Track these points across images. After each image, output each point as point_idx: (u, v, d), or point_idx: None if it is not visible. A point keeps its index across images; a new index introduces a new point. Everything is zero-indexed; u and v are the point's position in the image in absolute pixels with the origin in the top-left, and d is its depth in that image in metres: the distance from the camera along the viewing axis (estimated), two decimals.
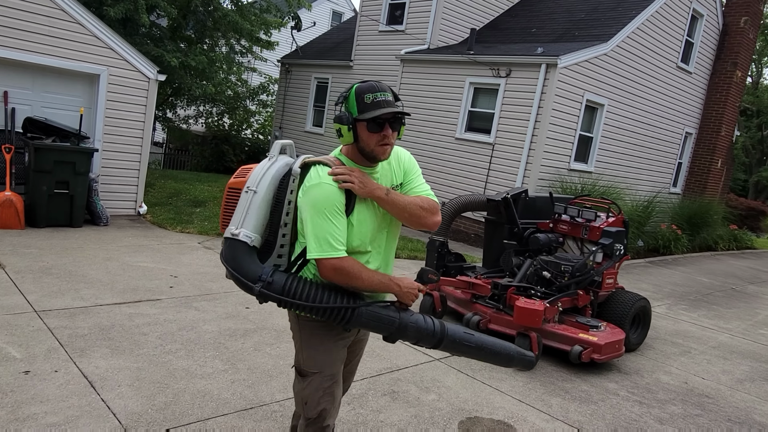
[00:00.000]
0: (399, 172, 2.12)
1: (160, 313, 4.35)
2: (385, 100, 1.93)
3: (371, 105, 1.92)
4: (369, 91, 1.94)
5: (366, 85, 1.97)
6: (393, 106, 1.94)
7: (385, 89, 1.96)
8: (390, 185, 2.08)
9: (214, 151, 16.67)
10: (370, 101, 1.93)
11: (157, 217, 7.89)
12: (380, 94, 1.94)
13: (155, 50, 10.98)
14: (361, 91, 1.95)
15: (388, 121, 1.94)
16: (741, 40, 13.26)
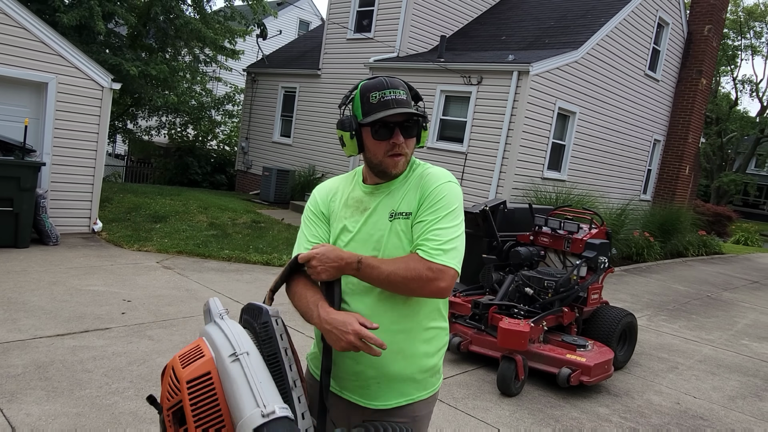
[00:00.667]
0: (414, 196, 1.61)
1: (109, 344, 3.91)
2: (395, 99, 1.56)
3: (378, 105, 1.56)
4: (376, 89, 1.58)
5: (374, 81, 1.60)
6: (405, 106, 1.57)
7: (397, 85, 1.59)
8: (390, 210, 1.63)
9: (178, 163, 16.10)
10: (377, 100, 1.56)
11: (113, 235, 7.39)
12: (390, 91, 1.57)
13: (113, 59, 10.48)
14: (366, 89, 1.59)
15: (400, 125, 1.57)
16: (705, 48, 13.44)
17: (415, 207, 1.60)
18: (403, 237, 1.60)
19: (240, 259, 6.96)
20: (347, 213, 1.70)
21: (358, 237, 1.65)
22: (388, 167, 1.61)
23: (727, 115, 30.97)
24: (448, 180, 1.62)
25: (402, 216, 1.62)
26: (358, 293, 1.61)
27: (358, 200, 1.70)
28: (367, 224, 1.66)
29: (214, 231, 8.30)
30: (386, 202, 1.65)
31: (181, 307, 4.91)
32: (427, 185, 1.61)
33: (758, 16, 30.19)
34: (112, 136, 16.53)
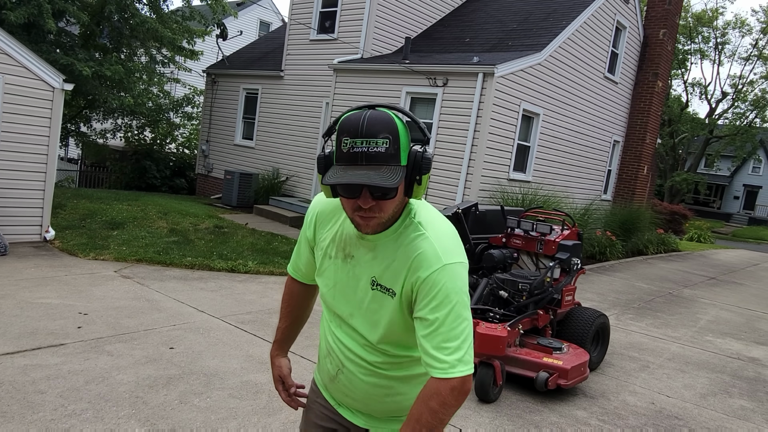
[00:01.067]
0: (401, 272, 1.36)
1: (64, 362, 3.65)
2: (365, 153, 1.23)
3: (345, 156, 1.26)
4: (349, 133, 1.25)
5: (352, 119, 1.27)
6: (380, 162, 1.23)
7: (376, 132, 1.23)
8: (371, 275, 1.41)
9: (135, 167, 15.54)
10: (346, 150, 1.26)
11: (67, 243, 7.02)
12: (362, 142, 1.23)
13: (64, 59, 10.02)
14: (342, 129, 1.28)
15: (368, 186, 1.25)
16: (661, 52, 13.82)
17: (405, 289, 1.36)
18: (384, 311, 1.41)
19: (203, 267, 6.71)
20: (332, 251, 1.50)
21: (340, 287, 1.49)
22: (358, 225, 1.36)
23: (678, 117, 32.11)
24: (444, 263, 1.32)
25: (384, 291, 1.40)
26: (337, 340, 1.55)
27: (346, 242, 1.47)
28: (349, 277, 1.47)
29: (175, 237, 8.00)
30: (369, 262, 1.42)
31: (142, 318, 4.66)
32: (420, 270, 1.33)
33: (706, 21, 31.42)
34: (65, 139, 15.84)
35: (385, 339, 1.43)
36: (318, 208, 1.57)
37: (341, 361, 1.53)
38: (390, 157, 1.25)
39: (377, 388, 1.51)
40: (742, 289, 10.18)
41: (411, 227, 1.38)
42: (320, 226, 1.55)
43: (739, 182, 41.10)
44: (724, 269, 12.74)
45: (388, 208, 1.32)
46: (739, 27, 31.89)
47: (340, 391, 1.58)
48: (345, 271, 1.47)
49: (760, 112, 33.28)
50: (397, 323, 1.41)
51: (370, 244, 1.42)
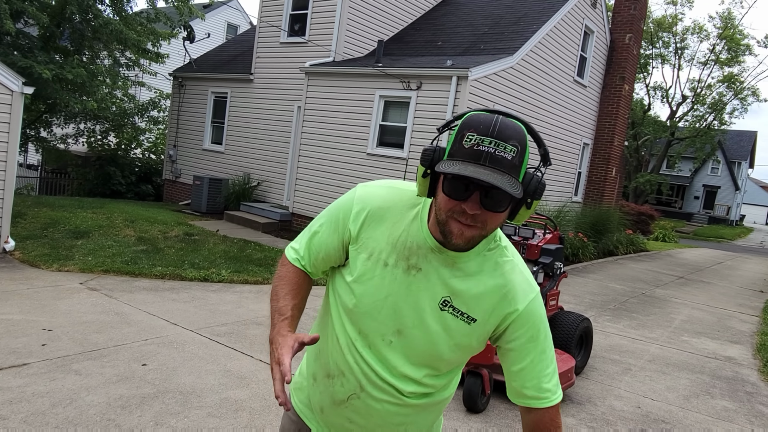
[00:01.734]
0: (489, 301, 1.26)
1: (27, 384, 3.42)
2: (492, 155, 1.11)
3: (467, 152, 1.13)
4: (477, 129, 1.13)
5: (485, 115, 1.15)
6: (503, 170, 1.11)
7: (508, 137, 1.12)
8: (444, 294, 1.27)
9: (98, 173, 15.04)
10: (470, 145, 1.12)
11: (29, 254, 6.67)
12: (491, 141, 1.11)
13: (23, 61, 9.62)
14: (468, 124, 1.15)
15: (483, 190, 1.13)
16: (627, 56, 14.09)
17: (491, 319, 1.28)
18: (450, 337, 1.28)
19: (175, 276, 6.46)
20: (390, 258, 1.29)
21: (392, 301, 1.28)
22: (450, 233, 1.19)
23: (641, 120, 32.93)
24: (536, 291, 1.31)
25: (461, 315, 1.27)
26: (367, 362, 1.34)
27: (411, 250, 1.28)
28: (409, 292, 1.28)
29: (143, 246, 7.71)
30: (442, 278, 1.27)
31: (111, 333, 4.42)
32: (518, 302, 1.27)
33: (666, 27, 32.33)
34: (24, 145, 15.23)
35: (436, 365, 1.32)
36: (373, 202, 1.32)
37: (361, 385, 1.34)
38: (513, 168, 1.13)
39: (396, 416, 1.38)
40: (710, 288, 10.40)
41: (497, 251, 1.30)
42: (371, 224, 1.31)
43: (699, 183, 42.40)
44: (691, 268, 13.03)
45: (493, 223, 1.19)
46: (697, 32, 32.91)
47: (344, 416, 1.40)
48: (405, 283, 1.28)
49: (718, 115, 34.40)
50: (462, 350, 1.32)
51: (448, 260, 1.26)
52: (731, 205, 42.12)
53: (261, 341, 4.63)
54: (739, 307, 8.73)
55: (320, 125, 10.56)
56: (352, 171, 10.11)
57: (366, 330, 1.32)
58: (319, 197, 10.45)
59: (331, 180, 10.27)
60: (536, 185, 1.19)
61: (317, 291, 1.49)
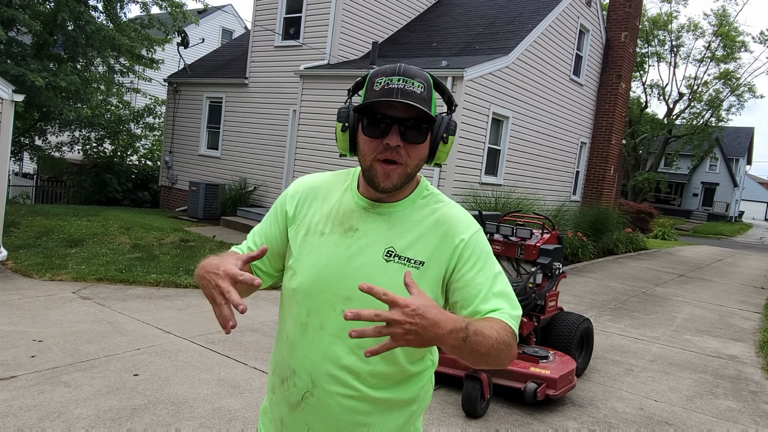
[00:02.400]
0: (431, 243, 1.26)
1: (15, 397, 3.33)
2: (402, 89, 1.17)
3: (379, 93, 1.19)
4: (385, 74, 1.21)
5: (386, 66, 1.24)
6: (415, 101, 1.17)
7: (413, 75, 1.20)
8: (387, 246, 1.26)
9: (94, 180, 14.95)
10: (380, 88, 1.19)
11: (21, 263, 6.59)
12: (399, 79, 1.18)
13: (15, 69, 9.54)
14: (375, 74, 1.24)
15: (400, 123, 1.20)
16: (623, 54, 14.04)
17: (439, 258, 1.25)
18: (403, 290, 1.18)
19: (169, 284, 6.38)
20: (326, 227, 1.31)
21: (334, 266, 1.26)
22: (377, 176, 1.23)
23: (638, 118, 32.88)
24: (478, 227, 1.32)
25: (407, 262, 1.24)
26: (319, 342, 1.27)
27: (346, 215, 1.31)
28: (351, 252, 1.27)
29: (138, 253, 7.63)
30: (381, 231, 1.27)
31: (103, 343, 4.34)
32: (458, 235, 1.27)
33: (662, 25, 32.32)
34: (18, 153, 15.15)
35: None
36: (305, 184, 1.40)
37: (313, 380, 1.27)
38: (424, 101, 1.20)
39: (354, 414, 1.27)
40: (711, 285, 10.33)
41: (430, 198, 1.33)
42: (305, 203, 1.36)
43: (698, 180, 42.36)
44: (691, 266, 12.96)
45: (415, 156, 1.24)
46: (692, 30, 32.93)
47: (302, 422, 1.31)
48: (345, 246, 1.27)
49: (715, 112, 34.38)
50: None
51: (382, 213, 1.29)
52: (730, 201, 42.09)
53: (256, 348, 4.55)
54: (740, 305, 8.65)
55: (316, 128, 10.49)
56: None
57: (316, 307, 1.27)
58: None
59: None
60: (448, 122, 1.28)
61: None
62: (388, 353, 1.17)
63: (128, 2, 12.31)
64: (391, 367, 1.27)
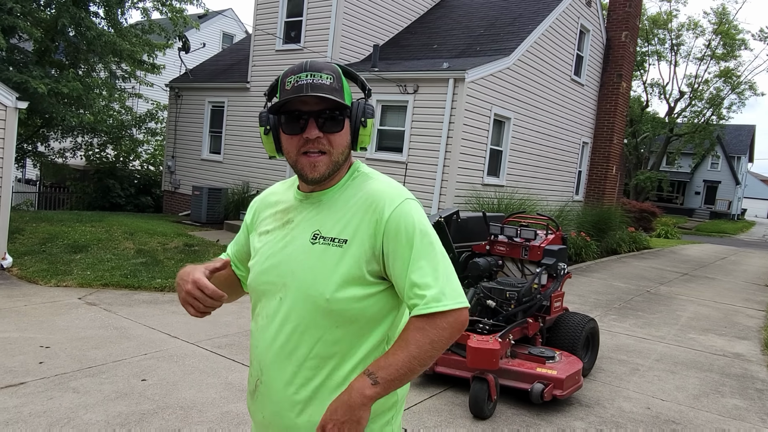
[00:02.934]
0: (357, 221, 1.27)
1: (24, 403, 3.35)
2: (311, 84, 1.22)
3: (289, 91, 1.25)
4: (293, 73, 1.26)
5: (293, 66, 1.29)
6: (325, 92, 1.23)
7: (320, 68, 1.26)
8: (313, 230, 1.30)
9: (97, 186, 14.99)
10: (291, 86, 1.25)
11: (26, 270, 6.61)
12: (307, 75, 1.24)
13: (18, 76, 9.57)
14: (285, 75, 1.29)
15: (316, 115, 1.25)
16: (623, 53, 14.04)
17: (362, 235, 1.25)
18: (327, 266, 1.25)
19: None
20: (271, 225, 1.40)
21: (273, 258, 1.33)
22: (303, 169, 1.28)
23: (639, 117, 32.86)
24: (404, 198, 1.28)
25: (331, 242, 1.27)
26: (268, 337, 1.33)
27: (286, 210, 1.39)
28: (285, 242, 1.33)
29: (143, 258, 7.65)
30: (310, 218, 1.32)
31: (110, 349, 4.36)
32: (381, 210, 1.25)
33: (661, 24, 32.30)
34: (21, 160, 15.20)
35: (328, 310, 1.24)
36: (261, 195, 1.52)
37: (261, 368, 1.34)
38: (334, 90, 1.26)
39: (293, 403, 1.30)
40: (715, 284, 10.32)
41: (360, 177, 1.35)
42: (261, 211, 1.47)
43: (700, 178, 42.30)
44: (695, 264, 12.94)
45: (338, 144, 1.28)
46: (692, 28, 32.92)
47: (258, 410, 1.37)
48: (281, 237, 1.35)
49: (716, 110, 34.33)
50: (342, 277, 1.24)
51: (314, 201, 1.34)
52: (732, 199, 42.01)
53: None
54: (745, 302, 8.64)
55: None
56: None
57: (261, 298, 1.35)
58: None
59: None
60: (364, 106, 1.32)
61: None
62: (326, 334, 1.27)
63: (129, 8, 12.35)
64: (329, 348, 1.28)
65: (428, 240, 1.25)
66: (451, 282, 1.24)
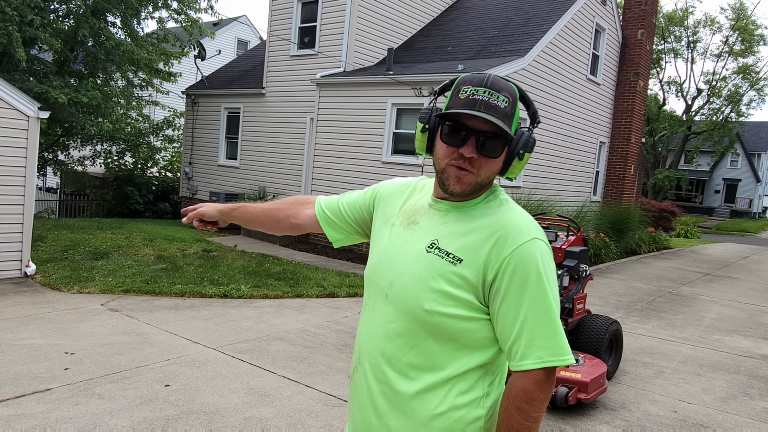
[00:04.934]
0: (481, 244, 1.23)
1: (51, 409, 3.39)
2: (486, 102, 1.20)
3: (462, 102, 1.22)
4: (471, 83, 1.24)
5: (476, 74, 1.26)
6: (496, 116, 1.20)
7: (499, 88, 1.22)
8: (433, 238, 1.29)
9: (116, 193, 15.18)
10: (465, 97, 1.22)
11: (49, 277, 6.71)
12: (485, 91, 1.21)
13: (38, 87, 9.74)
14: (462, 81, 1.26)
15: (478, 135, 1.22)
16: (640, 52, 13.89)
17: (480, 263, 1.21)
18: (433, 280, 1.23)
19: (194, 294, 6.44)
20: (397, 219, 1.41)
21: (388, 254, 1.37)
22: (448, 179, 1.26)
23: (656, 115, 32.45)
24: (533, 237, 1.22)
25: (446, 256, 1.24)
26: (372, 323, 1.38)
27: (415, 211, 1.39)
28: (403, 242, 1.34)
29: (162, 264, 7.72)
30: (435, 226, 1.30)
31: (133, 355, 4.39)
32: (507, 243, 1.21)
33: (677, 21, 31.91)
34: (43, 168, 15.44)
35: (422, 321, 1.24)
36: (397, 181, 1.54)
37: (359, 356, 1.39)
38: (506, 116, 1.23)
39: (376, 403, 1.32)
40: (738, 284, 10.14)
41: (495, 201, 1.31)
42: (394, 196, 1.48)
43: (719, 176, 41.66)
44: (717, 264, 12.73)
45: (487, 168, 1.25)
46: (709, 25, 32.43)
47: (352, 392, 1.42)
48: (402, 237, 1.36)
49: (735, 107, 33.79)
50: (445, 293, 1.23)
51: (443, 210, 1.32)
52: (753, 197, 41.29)
53: (284, 357, 4.57)
54: None
55: (333, 136, 10.54)
56: (367, 180, 10.05)
57: (373, 290, 1.38)
58: None
59: (347, 190, 10.21)
60: (527, 138, 1.27)
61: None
62: (421, 344, 1.26)
63: (145, 17, 12.52)
64: (422, 359, 1.27)
65: (546, 286, 1.20)
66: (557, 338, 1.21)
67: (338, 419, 3.49)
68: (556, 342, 1.19)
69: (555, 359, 1.18)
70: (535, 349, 1.18)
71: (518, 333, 1.18)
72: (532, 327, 1.18)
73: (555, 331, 1.20)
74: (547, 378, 1.19)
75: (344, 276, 7.86)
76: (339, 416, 3.52)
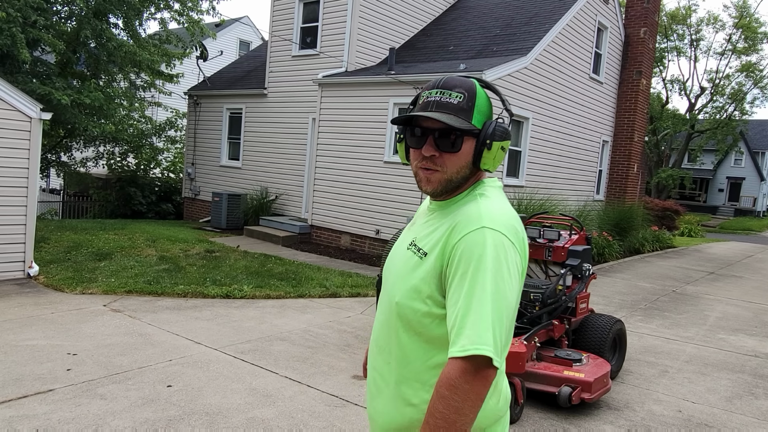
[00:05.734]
0: (441, 234, 1.29)
1: (53, 410, 3.38)
2: (437, 101, 1.28)
3: (419, 107, 1.34)
4: (427, 87, 1.34)
5: (432, 80, 1.35)
6: (449, 111, 1.26)
7: (452, 86, 1.30)
8: (413, 236, 1.38)
9: (119, 194, 15.21)
10: (423, 101, 1.33)
11: (52, 278, 6.71)
12: (437, 92, 1.30)
13: (41, 88, 9.76)
14: (423, 89, 1.37)
15: (435, 133, 1.28)
16: (643, 50, 13.85)
17: (439, 254, 1.26)
18: (409, 275, 1.33)
19: (197, 294, 6.44)
20: (411, 223, 1.55)
21: (392, 253, 1.48)
22: (420, 182, 1.36)
23: (659, 114, 32.35)
24: (482, 225, 1.21)
25: (416, 251, 1.33)
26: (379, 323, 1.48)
27: (420, 213, 1.51)
28: (399, 243, 1.47)
29: (165, 265, 7.72)
30: (422, 224, 1.42)
31: (136, 355, 4.39)
32: (456, 232, 1.25)
33: (680, 19, 31.81)
34: (45, 170, 15.49)
35: (394, 297, 1.34)
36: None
37: (371, 347, 1.50)
38: (461, 110, 1.28)
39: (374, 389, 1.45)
40: (743, 282, 10.09)
41: (471, 196, 1.34)
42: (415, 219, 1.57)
43: (723, 175, 41.51)
44: (721, 263, 12.68)
45: (453, 164, 1.30)
46: (712, 23, 32.34)
47: (368, 381, 1.51)
48: (402, 237, 1.48)
49: (739, 105, 33.65)
50: (412, 287, 1.30)
51: (432, 210, 1.41)
52: (757, 196, 41.12)
53: (285, 357, 4.56)
54: None
55: (336, 136, 10.53)
56: (369, 180, 10.05)
57: (382, 290, 1.47)
58: (337, 208, 10.40)
59: (349, 190, 10.22)
60: (493, 128, 1.29)
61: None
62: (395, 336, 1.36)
63: (147, 19, 12.53)
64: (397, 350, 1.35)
65: (482, 277, 1.17)
66: (489, 329, 1.17)
67: (341, 419, 3.48)
68: (478, 331, 1.14)
69: (472, 348, 1.13)
70: (462, 338, 1.15)
71: (454, 321, 1.19)
72: (463, 315, 1.17)
73: (482, 319, 1.14)
74: (476, 370, 1.13)
75: (347, 276, 7.85)
76: (341, 417, 3.51)
